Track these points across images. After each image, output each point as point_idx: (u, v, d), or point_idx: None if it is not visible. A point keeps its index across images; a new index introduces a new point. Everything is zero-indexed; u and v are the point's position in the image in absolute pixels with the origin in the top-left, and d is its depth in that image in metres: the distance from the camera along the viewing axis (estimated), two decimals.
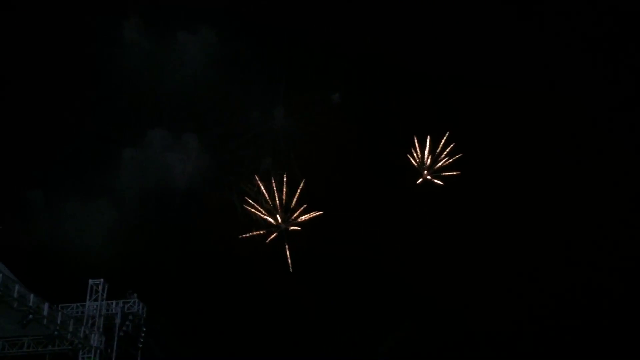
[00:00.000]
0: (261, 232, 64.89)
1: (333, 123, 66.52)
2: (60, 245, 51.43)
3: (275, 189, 65.03)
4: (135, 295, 37.83)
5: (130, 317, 37.42)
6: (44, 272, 45.67)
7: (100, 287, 36.87)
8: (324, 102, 68.87)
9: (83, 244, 53.45)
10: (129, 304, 37.65)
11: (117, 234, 57.35)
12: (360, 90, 69.35)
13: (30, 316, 31.49)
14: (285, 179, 65.36)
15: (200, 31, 67.54)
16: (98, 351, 35.83)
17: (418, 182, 70.38)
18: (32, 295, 31.86)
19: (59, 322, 33.72)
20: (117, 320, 36.84)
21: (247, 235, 64.42)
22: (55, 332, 33.39)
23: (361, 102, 69.02)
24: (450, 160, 69.83)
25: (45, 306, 32.82)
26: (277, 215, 65.28)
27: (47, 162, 58.70)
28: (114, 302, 37.39)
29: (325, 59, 68.19)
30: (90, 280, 37.11)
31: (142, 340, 38.19)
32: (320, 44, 67.27)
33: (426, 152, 70.07)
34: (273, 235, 64.96)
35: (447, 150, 69.71)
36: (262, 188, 64.83)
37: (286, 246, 65.10)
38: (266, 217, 65.04)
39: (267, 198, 65.04)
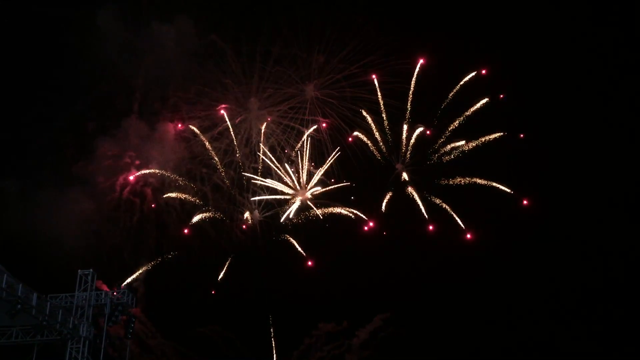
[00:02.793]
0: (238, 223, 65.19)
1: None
2: (35, 236, 50.42)
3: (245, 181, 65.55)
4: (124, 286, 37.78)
5: (120, 307, 37.31)
6: (24, 263, 44.71)
7: (89, 278, 36.56)
8: (298, 93, 69.17)
9: (59, 234, 52.53)
10: (118, 295, 37.51)
11: (94, 225, 56.80)
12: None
13: (19, 306, 31.23)
14: (259, 172, 65.94)
15: (176, 21, 66.99)
16: (87, 341, 35.60)
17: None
18: (20, 285, 31.58)
19: (47, 312, 33.50)
20: (107, 311, 36.66)
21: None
22: (44, 322, 33.22)
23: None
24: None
25: (34, 296, 32.53)
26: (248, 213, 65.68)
27: (21, 152, 57.65)
28: (103, 292, 37.33)
29: (300, 50, 68.31)
30: (79, 271, 36.84)
31: (131, 330, 38.17)
32: (296, 35, 67.39)
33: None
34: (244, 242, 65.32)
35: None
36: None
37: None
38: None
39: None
